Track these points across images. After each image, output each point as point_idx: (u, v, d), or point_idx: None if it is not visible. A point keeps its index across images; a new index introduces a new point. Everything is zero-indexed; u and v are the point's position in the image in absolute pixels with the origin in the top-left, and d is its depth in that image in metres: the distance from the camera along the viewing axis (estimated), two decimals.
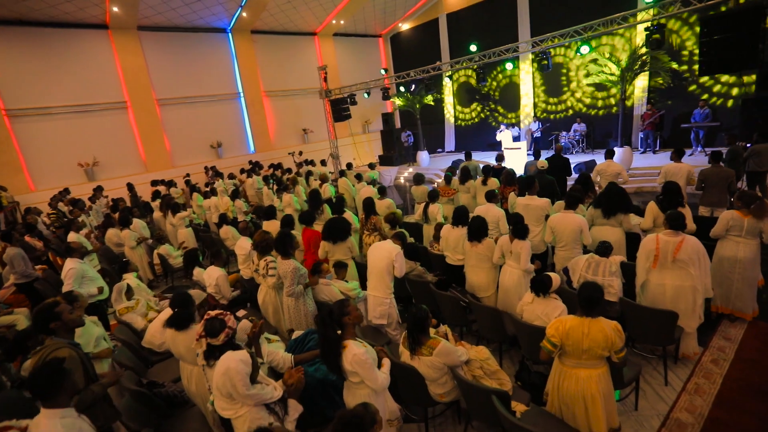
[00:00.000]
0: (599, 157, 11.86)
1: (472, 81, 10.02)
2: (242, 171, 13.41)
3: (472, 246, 4.28)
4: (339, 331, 2.56)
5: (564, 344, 2.60)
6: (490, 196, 5.31)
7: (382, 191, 6.65)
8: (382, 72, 14.77)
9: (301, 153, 16.08)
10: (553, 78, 15.45)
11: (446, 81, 13.44)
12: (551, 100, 15.80)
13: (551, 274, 3.41)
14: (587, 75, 11.05)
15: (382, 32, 20.90)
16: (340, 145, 17.16)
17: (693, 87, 12.04)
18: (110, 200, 10.86)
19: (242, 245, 5.41)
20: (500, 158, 7.92)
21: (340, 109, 15.23)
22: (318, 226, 6.15)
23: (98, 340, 3.54)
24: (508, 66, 9.74)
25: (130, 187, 11.90)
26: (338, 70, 19.05)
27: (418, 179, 7.07)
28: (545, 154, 14.38)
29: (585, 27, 8.38)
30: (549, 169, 7.18)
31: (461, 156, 17.02)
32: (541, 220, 4.88)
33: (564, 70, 14.99)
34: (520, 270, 4.03)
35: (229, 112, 15.95)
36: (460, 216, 4.62)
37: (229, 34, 15.43)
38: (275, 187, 9.27)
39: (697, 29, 11.09)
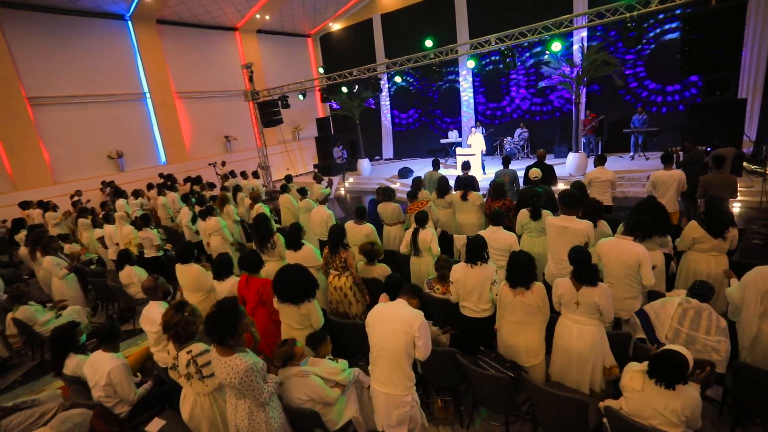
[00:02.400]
0: (550, 161, 11.56)
1: (435, 73, 8.92)
2: (150, 187, 10.95)
3: (516, 294, 3.00)
4: None
5: None
6: (497, 218, 4.11)
7: (361, 213, 5.16)
8: (321, 71, 13.20)
9: (224, 163, 13.87)
10: (492, 83, 15.17)
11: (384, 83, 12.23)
12: (492, 104, 15.48)
13: (681, 349, 2.24)
14: (543, 78, 10.55)
15: (311, 32, 19.32)
16: (269, 154, 15.23)
17: (627, 93, 12.29)
18: None
19: (152, 315, 3.35)
20: (466, 166, 6.85)
21: (269, 113, 13.37)
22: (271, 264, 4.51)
23: None
24: (470, 63, 8.80)
25: None
26: (264, 70, 17.07)
27: (387, 194, 5.67)
28: (495, 160, 14.21)
29: (530, 29, 7.80)
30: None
31: (405, 163, 16.07)
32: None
33: (504, 74, 14.74)
34: (595, 327, 2.85)
35: (131, 116, 13.21)
36: (475, 249, 3.34)
37: (129, 22, 12.80)
38: (197, 208, 7.26)
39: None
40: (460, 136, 15.54)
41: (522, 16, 11.94)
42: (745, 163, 8.59)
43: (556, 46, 7.36)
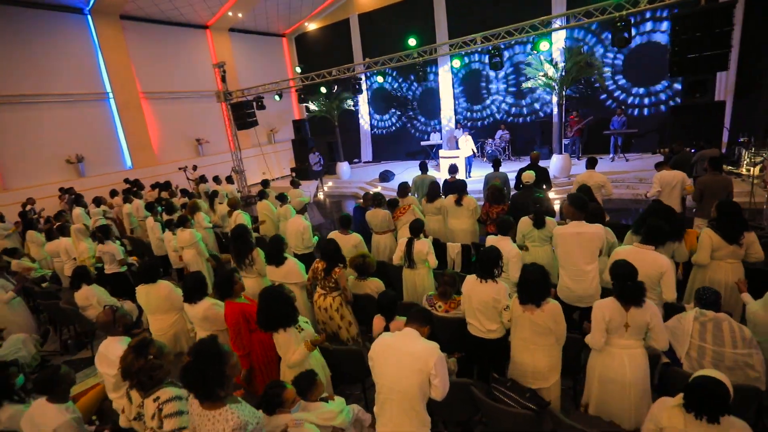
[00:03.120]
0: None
1: (418, 73, 8.56)
2: (114, 193, 10.15)
3: (526, 311, 2.67)
4: None
5: None
6: (506, 227, 3.75)
7: (346, 222, 4.69)
8: (298, 70, 12.70)
9: (195, 168, 13.12)
10: (473, 84, 15.04)
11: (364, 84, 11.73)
12: (472, 106, 15.34)
13: (716, 374, 1.93)
14: (527, 79, 10.41)
15: (286, 31, 18.72)
16: (244, 158, 14.57)
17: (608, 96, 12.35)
18: None
19: (110, 355, 2.76)
20: (454, 170, 6.54)
21: (244, 115, 12.76)
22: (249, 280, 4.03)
23: None
24: (456, 63, 8.53)
25: None
26: (237, 71, 16.37)
27: (377, 200, 5.25)
28: (477, 163, 14.02)
29: (516, 27, 7.61)
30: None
31: (385, 166, 15.71)
32: (595, 256, 3.48)
33: (484, 76, 14.63)
34: (643, 350, 2.54)
35: (92, 117, 12.30)
36: (487, 263, 2.98)
37: (89, 17, 11.92)
38: (164, 216, 6.64)
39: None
40: (441, 138, 15.32)
41: (502, 16, 11.82)
42: None
43: (545, 46, 7.17)
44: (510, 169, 12.10)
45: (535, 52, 7.40)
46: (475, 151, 12.27)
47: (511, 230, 3.76)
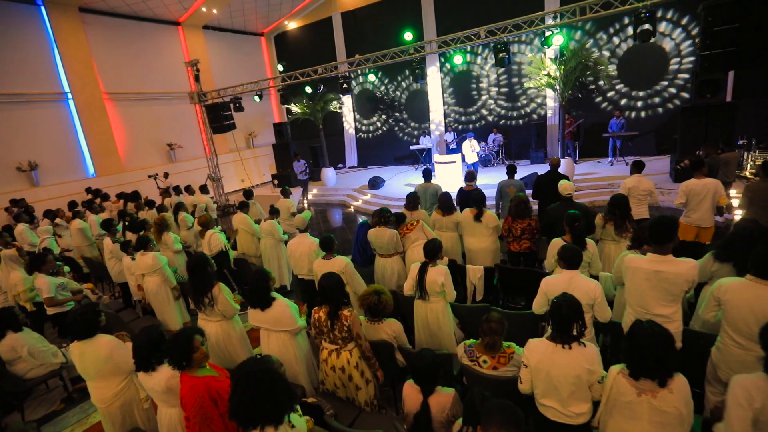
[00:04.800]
0: (528, 168, 10.87)
1: (414, 71, 7.77)
2: (74, 205, 8.94)
3: (642, 392, 1.84)
4: None
5: None
6: (576, 259, 2.83)
7: (328, 245, 3.82)
8: (280, 68, 11.77)
9: (167, 175, 11.99)
10: (463, 86, 14.41)
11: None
12: (463, 109, 14.70)
13: None
14: (529, 79, 9.79)
15: (264, 30, 17.74)
16: (221, 164, 13.49)
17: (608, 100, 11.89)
18: None
19: None
20: (471, 177, 5.76)
21: (220, 117, 11.73)
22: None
23: None
24: (458, 59, 7.71)
25: None
26: (212, 70, 15.29)
27: (384, 217, 4.33)
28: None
29: (525, 20, 6.96)
30: (549, 192, 5.27)
31: (372, 171, 14.86)
32: (678, 298, 2.62)
33: (475, 77, 14.01)
34: None
35: (48, 120, 11.03)
36: (566, 319, 2.12)
37: (42, 8, 10.69)
38: (130, 235, 5.62)
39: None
40: (431, 142, 14.59)
41: (492, 14, 11.22)
42: None
43: (558, 40, 6.49)
44: (503, 174, 11.57)
45: (547, 47, 6.71)
46: (479, 151, 11.49)
47: (580, 261, 2.92)
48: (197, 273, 3.23)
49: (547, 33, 6.73)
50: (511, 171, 5.92)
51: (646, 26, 5.75)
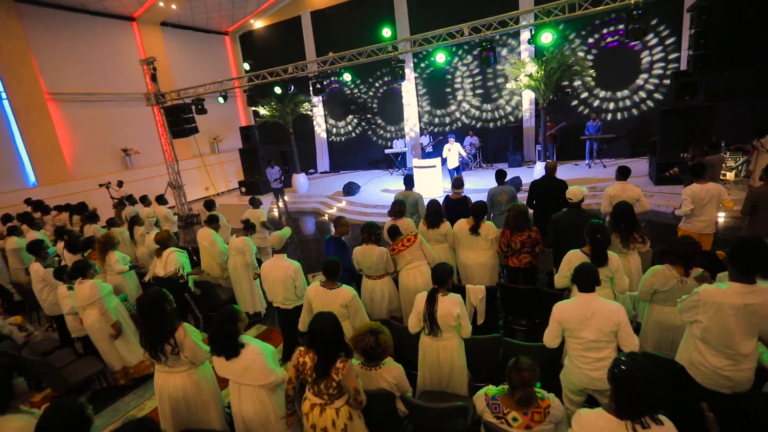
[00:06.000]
0: (511, 172, 10.60)
1: (394, 70, 7.25)
2: (7, 219, 7.85)
3: None
4: None
5: None
6: (592, 279, 2.41)
7: (332, 270, 3.05)
8: (246, 67, 11.00)
9: (121, 183, 10.93)
10: (437, 88, 14.07)
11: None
12: (437, 111, 14.36)
13: None
14: (509, 81, 9.50)
15: (228, 29, 16.82)
16: (182, 170, 12.51)
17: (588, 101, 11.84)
18: None
19: None
20: (459, 184, 5.28)
21: (181, 120, 10.82)
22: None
23: None
24: (440, 57, 7.20)
25: None
26: (171, 70, 14.25)
27: (372, 233, 3.66)
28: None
29: (511, 17, 6.62)
30: (547, 199, 4.88)
31: (344, 177, 14.24)
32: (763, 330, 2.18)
33: (449, 79, 13.71)
34: None
35: None
36: (637, 394, 1.58)
37: None
38: (69, 256, 4.80)
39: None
40: (406, 145, 14.15)
41: (467, 12, 10.91)
42: None
43: (547, 37, 6.15)
44: (482, 178, 11.28)
45: (535, 45, 6.36)
46: (464, 155, 11.06)
47: (596, 281, 2.46)
48: (153, 315, 2.53)
49: (533, 30, 6.40)
50: (501, 176, 5.45)
51: (638, 25, 5.50)
